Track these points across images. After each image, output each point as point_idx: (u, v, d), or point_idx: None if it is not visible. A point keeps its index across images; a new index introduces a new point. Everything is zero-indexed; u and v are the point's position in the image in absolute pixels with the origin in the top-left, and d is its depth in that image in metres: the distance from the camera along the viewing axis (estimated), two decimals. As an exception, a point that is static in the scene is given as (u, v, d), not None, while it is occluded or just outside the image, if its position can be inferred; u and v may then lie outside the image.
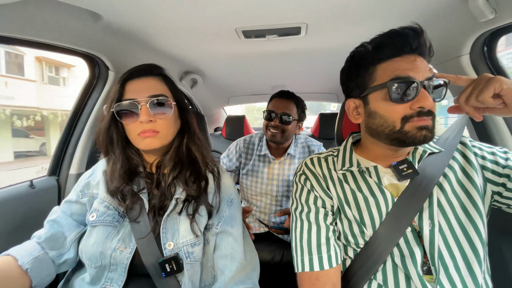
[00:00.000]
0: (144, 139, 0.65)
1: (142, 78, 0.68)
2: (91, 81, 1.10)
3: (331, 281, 0.63)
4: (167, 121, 0.67)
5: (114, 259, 0.63)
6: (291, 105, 1.30)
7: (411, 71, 0.57)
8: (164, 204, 0.68)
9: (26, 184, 0.97)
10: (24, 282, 0.59)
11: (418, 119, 0.57)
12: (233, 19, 0.89)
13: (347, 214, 0.66)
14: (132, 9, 0.81)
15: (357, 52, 0.66)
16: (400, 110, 0.58)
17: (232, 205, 0.74)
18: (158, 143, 0.66)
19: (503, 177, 0.61)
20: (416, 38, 0.58)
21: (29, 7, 0.68)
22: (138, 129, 0.65)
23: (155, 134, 0.65)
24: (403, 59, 0.58)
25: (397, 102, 0.57)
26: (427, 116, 0.57)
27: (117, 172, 0.68)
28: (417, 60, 0.58)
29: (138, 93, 0.66)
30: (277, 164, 1.38)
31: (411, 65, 0.57)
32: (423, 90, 0.56)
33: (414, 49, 0.58)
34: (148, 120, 0.64)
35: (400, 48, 0.59)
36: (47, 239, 0.66)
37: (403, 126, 0.58)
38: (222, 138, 2.21)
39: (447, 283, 0.56)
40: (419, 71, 0.57)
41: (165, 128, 0.67)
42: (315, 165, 0.74)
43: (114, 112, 0.65)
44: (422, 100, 0.56)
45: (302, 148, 1.42)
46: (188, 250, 0.64)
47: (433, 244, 0.59)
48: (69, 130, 1.12)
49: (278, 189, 1.36)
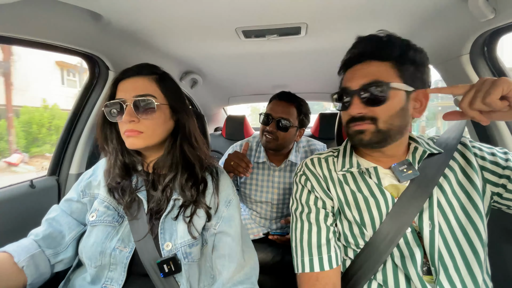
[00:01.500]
0: (127, 138, 0.66)
1: (132, 78, 0.68)
2: (91, 81, 1.10)
3: (331, 281, 0.63)
4: (152, 121, 0.66)
5: (114, 259, 0.63)
6: (291, 109, 1.19)
7: (349, 81, 0.64)
8: (162, 207, 0.68)
9: (26, 184, 0.97)
10: (19, 279, 0.59)
11: (353, 124, 0.64)
12: (233, 19, 0.89)
13: (347, 215, 0.66)
14: (132, 9, 0.81)
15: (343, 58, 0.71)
16: (345, 116, 0.66)
17: (230, 205, 0.73)
18: (141, 143, 0.66)
19: (503, 178, 0.60)
20: (360, 47, 0.64)
21: (29, 7, 0.68)
22: (123, 127, 0.66)
23: (138, 134, 0.65)
24: (351, 69, 0.65)
25: (340, 110, 0.68)
26: (360, 122, 0.62)
27: (113, 167, 0.69)
28: (363, 67, 0.63)
29: (126, 92, 0.66)
30: (277, 171, 1.28)
31: (352, 74, 0.64)
32: (355, 98, 0.61)
33: (359, 56, 0.64)
34: (129, 120, 0.63)
35: (358, 56, 0.64)
36: (44, 237, 0.66)
37: (347, 130, 0.66)
38: (222, 138, 2.21)
39: (447, 284, 0.56)
40: (356, 80, 0.62)
41: (150, 129, 0.66)
42: (316, 166, 0.74)
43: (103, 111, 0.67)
44: (351, 109, 0.63)
45: (304, 153, 1.33)
46: (186, 251, 0.64)
47: (433, 244, 0.59)
48: (69, 130, 1.12)
49: (279, 197, 1.27)
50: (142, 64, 0.71)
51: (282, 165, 1.28)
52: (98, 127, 0.70)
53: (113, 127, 0.71)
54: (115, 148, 0.70)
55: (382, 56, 0.62)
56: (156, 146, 0.70)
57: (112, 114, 0.67)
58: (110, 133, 0.71)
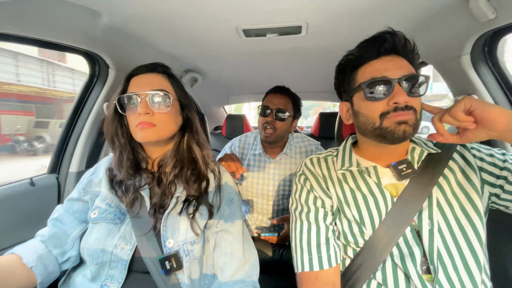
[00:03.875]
0: (140, 130, 0.66)
1: (147, 73, 0.70)
2: (91, 79, 1.10)
3: (330, 280, 0.63)
4: (165, 115, 0.67)
5: (115, 256, 0.63)
6: (287, 101, 1.27)
7: (386, 70, 0.60)
8: (165, 203, 0.69)
9: (26, 182, 0.97)
10: (29, 279, 0.60)
11: (395, 114, 0.59)
12: (234, 18, 0.89)
13: (346, 214, 0.66)
14: (132, 7, 0.80)
15: (344, 59, 0.70)
16: (378, 107, 0.61)
17: (233, 204, 0.74)
18: (154, 136, 0.67)
19: (500, 179, 0.61)
20: (390, 39, 0.61)
21: (29, 5, 0.68)
22: (136, 120, 0.66)
23: (152, 126, 0.66)
24: (379, 60, 0.63)
25: (373, 100, 0.61)
26: (406, 111, 0.59)
27: (124, 162, 0.70)
28: (393, 59, 0.62)
29: (140, 87, 0.68)
30: (272, 163, 1.33)
31: (386, 65, 0.61)
32: (397, 87, 0.59)
33: (390, 50, 0.62)
34: (145, 112, 0.65)
35: (376, 50, 0.63)
36: (50, 238, 0.67)
37: (381, 122, 0.61)
38: (222, 137, 2.21)
39: (446, 283, 0.57)
40: (394, 70, 0.60)
41: (163, 123, 0.67)
42: (315, 166, 0.74)
43: (116, 104, 0.68)
44: (396, 96, 0.58)
45: (299, 148, 1.36)
46: (187, 248, 0.65)
47: (432, 243, 0.59)
48: (69, 128, 1.12)
49: (274, 189, 1.31)
50: (155, 63, 0.74)
51: (278, 157, 1.33)
52: (108, 122, 0.71)
53: (123, 122, 0.72)
54: (124, 143, 0.71)
55: (407, 55, 0.63)
56: (164, 141, 0.71)
57: (126, 107, 0.67)
58: (120, 128, 0.71)
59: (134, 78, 0.70)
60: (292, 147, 1.35)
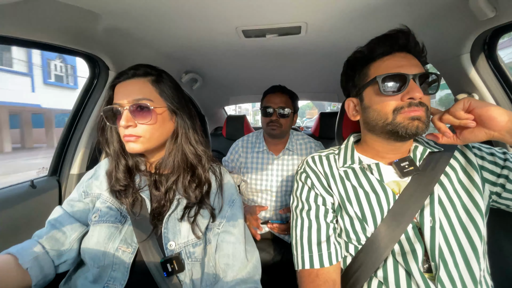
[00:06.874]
0: (127, 142, 0.66)
1: (129, 80, 0.67)
2: (91, 81, 1.10)
3: (331, 278, 0.63)
4: (149, 126, 0.65)
5: (117, 259, 0.63)
6: (286, 98, 1.33)
7: (401, 67, 0.60)
8: (166, 205, 0.68)
9: (27, 184, 0.97)
10: (24, 281, 0.59)
11: (409, 109, 0.59)
12: (233, 19, 0.89)
13: (348, 211, 0.66)
14: (132, 8, 0.80)
15: (352, 56, 0.70)
16: (392, 102, 0.60)
17: (234, 205, 0.74)
18: (140, 147, 0.66)
19: (501, 177, 0.61)
20: (403, 37, 0.62)
21: (29, 7, 0.68)
22: (122, 132, 0.66)
23: (137, 138, 0.65)
24: (393, 56, 0.63)
25: (388, 95, 0.60)
26: (418, 107, 0.58)
27: (116, 170, 0.70)
28: (406, 57, 0.62)
29: (123, 96, 0.66)
30: (275, 160, 1.37)
31: (401, 61, 0.61)
32: (412, 82, 0.59)
33: (403, 46, 0.62)
34: (126, 125, 0.63)
35: (390, 47, 0.63)
36: (47, 239, 0.66)
37: (394, 117, 0.60)
38: (223, 137, 2.21)
39: (447, 280, 0.57)
40: (408, 67, 0.60)
41: (147, 133, 0.65)
42: (316, 163, 0.74)
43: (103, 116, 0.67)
44: (411, 92, 0.58)
45: (299, 144, 1.41)
46: (189, 250, 0.65)
47: (433, 240, 0.59)
48: (70, 130, 1.12)
49: (278, 185, 1.35)
50: (137, 65, 0.70)
51: (280, 154, 1.37)
52: (99, 131, 0.70)
53: (114, 130, 0.71)
54: (116, 150, 0.71)
55: (418, 54, 0.64)
56: (157, 148, 0.70)
57: (111, 118, 0.67)
58: (111, 136, 0.71)
59: (118, 86, 0.68)
60: (293, 143, 1.40)
